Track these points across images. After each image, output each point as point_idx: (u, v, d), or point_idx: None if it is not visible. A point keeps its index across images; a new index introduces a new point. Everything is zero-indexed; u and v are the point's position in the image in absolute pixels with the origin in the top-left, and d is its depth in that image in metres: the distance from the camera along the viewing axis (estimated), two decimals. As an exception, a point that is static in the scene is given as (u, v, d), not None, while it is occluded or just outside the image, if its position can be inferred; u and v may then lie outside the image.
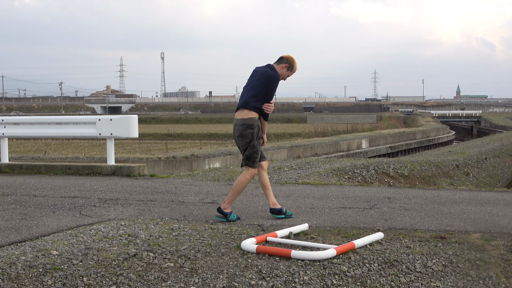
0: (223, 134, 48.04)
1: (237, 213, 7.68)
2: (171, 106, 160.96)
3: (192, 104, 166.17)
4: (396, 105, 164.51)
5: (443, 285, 5.29)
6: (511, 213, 7.77)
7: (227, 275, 5.13)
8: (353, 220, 7.28)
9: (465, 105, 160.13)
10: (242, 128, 7.10)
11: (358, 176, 14.12)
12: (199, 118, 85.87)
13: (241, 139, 7.14)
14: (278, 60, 7.31)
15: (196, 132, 50.79)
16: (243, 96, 7.21)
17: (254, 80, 7.17)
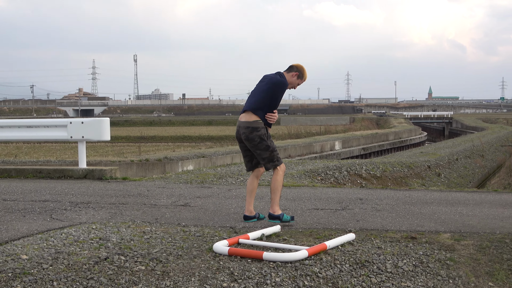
0: (196, 137, 47.95)
1: (209, 216, 7.67)
2: (144, 109, 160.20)
3: (165, 106, 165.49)
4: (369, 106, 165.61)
5: (414, 285, 5.34)
6: (481, 213, 7.87)
7: (199, 278, 5.12)
8: (325, 221, 7.31)
9: (437, 107, 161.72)
10: (247, 131, 7.11)
11: (330, 177, 14.19)
12: (172, 121, 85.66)
13: (248, 142, 7.13)
14: (288, 68, 7.34)
15: (169, 135, 50.62)
16: (249, 100, 7.25)
17: (262, 85, 7.22)
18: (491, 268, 5.74)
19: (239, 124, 7.25)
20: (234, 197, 9.38)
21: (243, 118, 7.20)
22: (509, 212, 7.96)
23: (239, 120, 7.25)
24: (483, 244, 6.19)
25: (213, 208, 8.32)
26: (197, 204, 8.63)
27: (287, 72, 7.31)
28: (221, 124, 79.04)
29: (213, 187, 10.61)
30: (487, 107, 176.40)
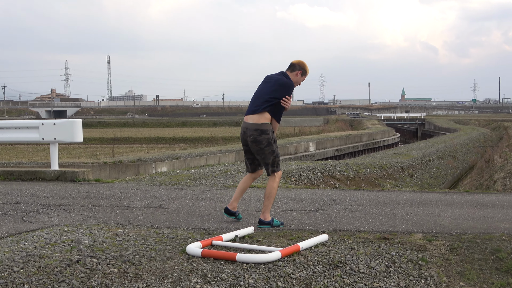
0: (170, 138, 47.75)
1: (183, 217, 7.65)
2: (117, 110, 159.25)
3: (139, 108, 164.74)
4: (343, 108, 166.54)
5: (386, 285, 5.38)
6: (452, 214, 7.94)
7: (172, 280, 5.10)
8: (299, 222, 7.32)
9: (410, 108, 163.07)
10: (256, 134, 6.99)
11: (304, 178, 14.23)
12: (146, 122, 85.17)
13: (255, 144, 7.02)
14: (290, 67, 7.24)
15: (143, 136, 50.35)
16: (255, 101, 7.12)
17: (267, 86, 7.12)
18: (462, 268, 5.80)
19: (246, 126, 7.10)
20: (208, 198, 9.36)
21: (250, 120, 7.07)
22: (480, 212, 8.05)
23: (246, 122, 7.11)
24: (455, 244, 6.25)
25: (187, 209, 8.29)
26: (170, 206, 8.60)
27: (290, 71, 7.22)
28: (195, 126, 78.80)
29: (187, 189, 10.58)
30: (459, 109, 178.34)
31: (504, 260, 5.92)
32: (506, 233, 6.61)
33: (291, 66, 7.24)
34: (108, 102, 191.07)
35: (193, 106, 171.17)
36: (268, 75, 7.31)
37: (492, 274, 5.73)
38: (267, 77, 7.28)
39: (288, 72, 7.21)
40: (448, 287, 5.48)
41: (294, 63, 7.25)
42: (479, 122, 70.62)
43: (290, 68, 7.24)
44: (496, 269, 5.82)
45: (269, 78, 7.24)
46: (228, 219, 7.43)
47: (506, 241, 6.33)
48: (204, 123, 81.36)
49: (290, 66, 7.25)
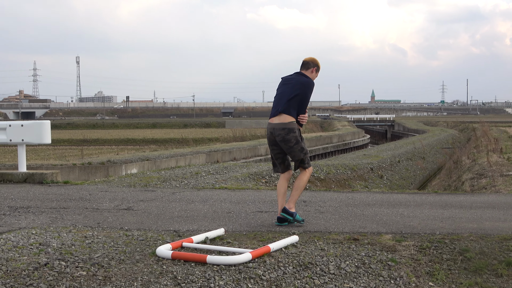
0: (140, 140, 47.50)
1: (153, 219, 7.60)
2: (87, 111, 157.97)
3: (109, 109, 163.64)
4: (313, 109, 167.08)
5: (356, 286, 5.40)
6: (421, 214, 8.01)
7: (142, 282, 5.06)
8: (269, 224, 7.32)
9: (380, 110, 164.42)
10: (284, 133, 7.15)
11: (275, 180, 14.24)
12: (116, 123, 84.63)
13: (284, 144, 7.18)
14: (304, 66, 7.40)
15: (113, 138, 50.01)
16: (280, 102, 7.24)
17: (289, 87, 7.26)
18: (431, 268, 5.85)
19: (272, 126, 7.24)
20: (178, 200, 9.32)
21: (276, 120, 7.22)
22: (449, 213, 8.13)
23: (272, 123, 7.25)
24: (424, 244, 6.30)
25: (157, 211, 8.24)
26: (140, 208, 8.54)
27: (305, 69, 7.38)
28: (165, 127, 78.46)
29: (157, 191, 10.52)
30: (428, 110, 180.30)
31: (472, 260, 5.98)
32: (474, 233, 6.68)
33: (305, 64, 7.40)
34: (78, 103, 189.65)
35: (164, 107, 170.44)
36: (285, 77, 7.44)
37: (460, 274, 5.79)
38: (285, 79, 7.41)
39: (304, 71, 7.37)
40: (417, 287, 5.52)
41: (307, 61, 7.41)
42: (447, 124, 71.46)
43: (305, 66, 7.40)
44: (464, 269, 5.88)
45: (288, 79, 7.38)
46: (199, 221, 7.41)
47: (474, 241, 6.40)
48: (174, 125, 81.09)
49: (304, 65, 7.40)
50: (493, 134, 35.79)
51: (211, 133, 55.74)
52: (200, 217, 7.75)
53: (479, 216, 7.83)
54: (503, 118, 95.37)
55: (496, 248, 6.22)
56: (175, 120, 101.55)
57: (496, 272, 5.82)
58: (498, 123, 62.68)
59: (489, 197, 9.94)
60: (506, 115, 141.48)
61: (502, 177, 15.27)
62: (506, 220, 7.52)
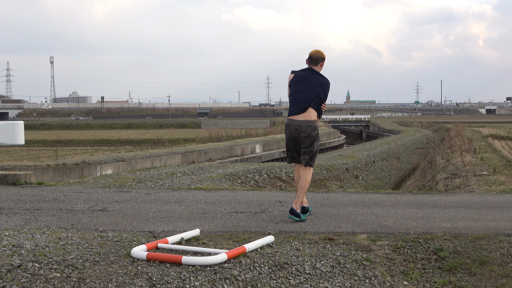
0: (116, 140, 47.25)
1: (128, 220, 7.57)
2: (61, 112, 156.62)
3: (83, 109, 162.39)
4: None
5: (331, 285, 5.42)
6: (396, 214, 8.06)
7: (116, 284, 5.03)
8: (245, 224, 7.32)
9: (355, 110, 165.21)
10: (310, 130, 7.65)
11: (251, 180, 14.25)
12: (91, 124, 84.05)
13: (308, 140, 7.67)
14: (313, 60, 7.77)
15: (87, 138, 49.68)
16: (302, 102, 7.66)
17: (309, 87, 7.68)
18: (405, 267, 5.90)
19: (298, 123, 7.66)
20: (153, 201, 9.27)
21: (301, 117, 7.66)
22: (423, 212, 8.19)
23: (297, 120, 7.67)
24: (398, 244, 6.34)
25: (132, 212, 8.20)
26: (115, 209, 8.49)
27: (315, 65, 7.77)
28: (141, 128, 78.11)
29: (132, 191, 10.47)
30: (403, 111, 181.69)
31: (446, 259, 6.04)
32: (448, 233, 6.74)
33: (314, 59, 7.76)
34: (52, 104, 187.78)
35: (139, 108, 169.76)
36: (299, 74, 7.76)
37: (434, 273, 5.84)
38: (301, 77, 7.75)
39: (314, 67, 7.77)
40: (392, 286, 5.56)
41: (316, 56, 7.77)
42: (422, 124, 72.05)
43: (314, 61, 7.78)
44: (438, 268, 5.93)
45: (304, 77, 7.73)
46: (174, 222, 7.39)
47: (448, 240, 6.45)
48: (150, 125, 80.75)
49: (313, 60, 7.76)
50: (467, 135, 36.18)
51: (187, 133, 55.62)
52: (176, 218, 7.72)
53: (453, 216, 7.90)
54: (476, 119, 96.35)
55: (470, 247, 6.28)
56: (151, 120, 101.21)
57: (469, 271, 5.88)
58: (472, 123, 63.37)
59: (463, 197, 10.04)
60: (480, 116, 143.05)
61: (476, 177, 15.44)
62: (480, 220, 7.60)
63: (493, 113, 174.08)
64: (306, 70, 7.78)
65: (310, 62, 7.78)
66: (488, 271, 5.88)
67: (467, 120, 76.83)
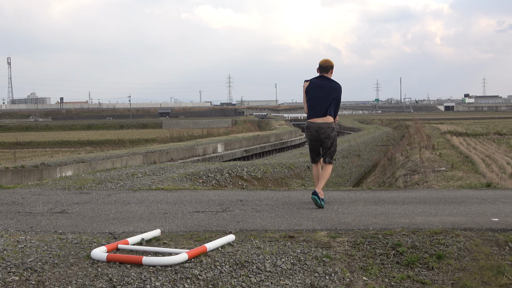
0: (75, 142, 46.74)
1: (87, 222, 7.51)
2: (19, 113, 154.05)
3: (42, 111, 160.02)
4: (251, 109, 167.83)
5: (292, 282, 5.47)
6: (355, 211, 8.15)
7: (76, 286, 4.99)
8: (206, 223, 7.32)
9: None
10: (329, 131, 8.60)
11: (212, 180, 14.25)
12: (50, 125, 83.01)
13: (328, 140, 8.62)
14: (324, 69, 8.63)
15: (47, 140, 49.05)
16: (321, 106, 8.55)
17: (325, 92, 8.54)
18: (365, 263, 5.98)
19: (318, 125, 8.58)
20: (113, 202, 9.21)
21: (320, 120, 8.58)
22: (382, 209, 8.30)
23: (317, 122, 8.58)
24: (358, 240, 6.42)
25: (92, 214, 8.14)
26: (75, 211, 8.41)
27: (326, 72, 8.65)
28: (101, 128, 77.44)
29: (92, 193, 10.38)
30: (363, 108, 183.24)
31: (404, 254, 6.14)
32: (406, 228, 6.84)
33: (324, 68, 8.64)
34: (9, 105, 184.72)
35: (99, 108, 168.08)
36: (314, 82, 8.63)
37: (393, 268, 5.94)
38: (317, 84, 8.60)
39: (325, 74, 8.65)
40: (352, 282, 5.63)
41: (326, 65, 8.63)
42: (382, 122, 72.81)
43: (324, 70, 8.65)
44: (397, 263, 6.03)
45: (319, 85, 8.59)
46: (135, 223, 7.36)
47: (406, 235, 6.56)
48: (110, 126, 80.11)
49: (323, 69, 8.64)
50: (426, 131, 36.72)
51: (148, 134, 55.31)
52: (136, 219, 7.69)
53: (411, 211, 8.02)
54: (435, 116, 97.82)
55: (427, 242, 6.39)
56: (111, 121, 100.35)
57: (427, 265, 6.00)
58: (431, 120, 64.31)
59: (421, 193, 10.19)
60: (438, 113, 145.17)
61: (434, 173, 15.68)
62: (437, 215, 7.73)
63: (451, 110, 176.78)
64: (319, 77, 8.66)
65: (321, 70, 8.65)
66: (446, 265, 6.00)
67: (426, 117, 77.96)
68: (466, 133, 35.36)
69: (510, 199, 9.02)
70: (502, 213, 7.77)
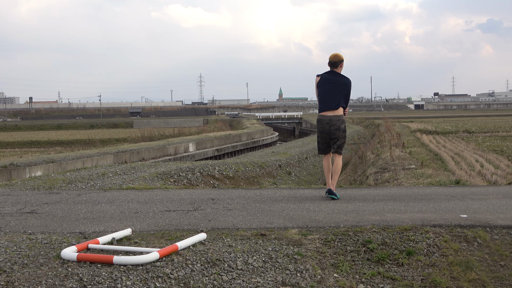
0: (45, 142, 46.27)
1: (57, 222, 7.44)
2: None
3: (11, 110, 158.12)
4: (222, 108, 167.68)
5: (263, 280, 5.48)
6: (327, 208, 8.19)
7: (46, 286, 4.95)
8: (177, 222, 7.31)
9: (288, 107, 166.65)
10: (339, 123, 9.03)
11: (183, 179, 14.21)
12: (19, 125, 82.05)
13: (338, 132, 9.03)
14: (333, 64, 9.03)
15: (16, 140, 48.49)
16: (332, 100, 9.01)
17: (335, 87, 8.99)
18: (336, 260, 6.01)
19: (329, 118, 9.02)
20: (84, 202, 9.14)
21: (331, 113, 9.03)
22: (353, 206, 8.35)
23: (328, 115, 9.03)
24: (329, 237, 6.46)
25: (62, 214, 8.06)
26: (44, 211, 8.33)
27: (335, 68, 9.05)
28: (71, 128, 76.76)
29: (62, 193, 10.29)
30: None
31: (374, 251, 6.19)
32: (376, 225, 6.90)
33: (334, 63, 9.03)
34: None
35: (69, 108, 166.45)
36: (324, 77, 9.05)
37: (364, 265, 5.98)
38: (327, 79, 9.02)
39: (335, 69, 9.05)
40: (323, 279, 5.66)
41: (335, 61, 9.03)
42: (353, 120, 73.20)
43: (334, 65, 9.04)
44: (367, 259, 6.08)
45: (329, 80, 9.01)
46: (106, 223, 7.32)
47: (376, 232, 6.61)
48: (80, 126, 79.45)
49: (333, 64, 9.03)
50: (396, 130, 37.01)
51: (119, 133, 54.93)
52: (107, 218, 7.64)
53: (381, 209, 8.09)
54: (405, 114, 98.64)
55: (397, 238, 6.45)
56: (81, 121, 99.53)
57: (397, 262, 6.05)
58: (401, 118, 64.83)
59: (391, 190, 10.28)
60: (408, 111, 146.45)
61: (404, 171, 15.81)
62: (407, 212, 7.81)
63: (421, 108, 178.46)
64: (329, 72, 9.06)
65: (331, 66, 9.05)
66: (415, 261, 6.07)
67: (396, 116, 78.60)
68: (436, 131, 35.71)
69: (479, 196, 9.14)
70: (471, 210, 7.88)
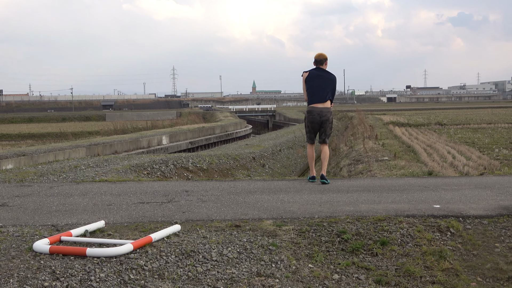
0: (16, 135, 45.76)
1: (29, 215, 7.35)
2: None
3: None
4: (196, 101, 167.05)
5: (238, 271, 5.46)
6: (301, 200, 8.20)
7: (18, 279, 4.88)
8: (151, 214, 7.26)
9: (261, 100, 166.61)
10: (329, 114, 9.91)
11: (157, 171, 14.14)
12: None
13: (327, 122, 9.90)
14: (319, 62, 9.85)
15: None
16: (322, 93, 9.79)
17: (324, 81, 9.80)
18: (310, 250, 6.02)
19: (320, 110, 9.83)
20: (56, 194, 9.04)
21: (321, 105, 9.83)
22: (327, 197, 8.38)
23: (319, 107, 9.82)
24: (303, 228, 6.47)
25: (34, 206, 7.96)
26: (16, 204, 8.21)
27: (321, 65, 9.86)
28: (43, 121, 75.98)
29: (34, 185, 10.16)
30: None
31: (349, 241, 6.21)
32: (350, 216, 6.93)
33: (319, 61, 9.85)
34: None
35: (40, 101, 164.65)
36: (313, 73, 9.82)
37: (338, 255, 6.00)
38: (316, 75, 9.79)
39: (321, 66, 9.86)
40: (298, 269, 5.66)
41: (320, 59, 9.85)
42: (326, 113, 73.33)
43: (319, 63, 9.86)
44: (342, 250, 6.10)
45: (318, 76, 9.79)
46: (78, 215, 7.25)
47: (350, 223, 6.64)
48: (52, 119, 78.70)
49: (319, 62, 9.85)
50: (369, 122, 37.22)
51: (91, 126, 54.52)
52: (80, 211, 7.56)
53: (355, 199, 8.12)
54: (378, 107, 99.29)
55: (371, 228, 6.48)
56: (53, 114, 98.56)
57: (371, 252, 6.08)
58: (374, 111, 65.23)
59: (365, 181, 10.33)
60: (381, 104, 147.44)
61: (377, 162, 15.92)
62: (381, 202, 7.85)
63: (393, 101, 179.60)
64: (317, 69, 9.84)
65: (317, 63, 9.84)
66: (389, 251, 6.10)
67: (369, 108, 79.06)
68: (408, 124, 36.00)
69: (451, 187, 9.22)
70: (444, 200, 7.95)
